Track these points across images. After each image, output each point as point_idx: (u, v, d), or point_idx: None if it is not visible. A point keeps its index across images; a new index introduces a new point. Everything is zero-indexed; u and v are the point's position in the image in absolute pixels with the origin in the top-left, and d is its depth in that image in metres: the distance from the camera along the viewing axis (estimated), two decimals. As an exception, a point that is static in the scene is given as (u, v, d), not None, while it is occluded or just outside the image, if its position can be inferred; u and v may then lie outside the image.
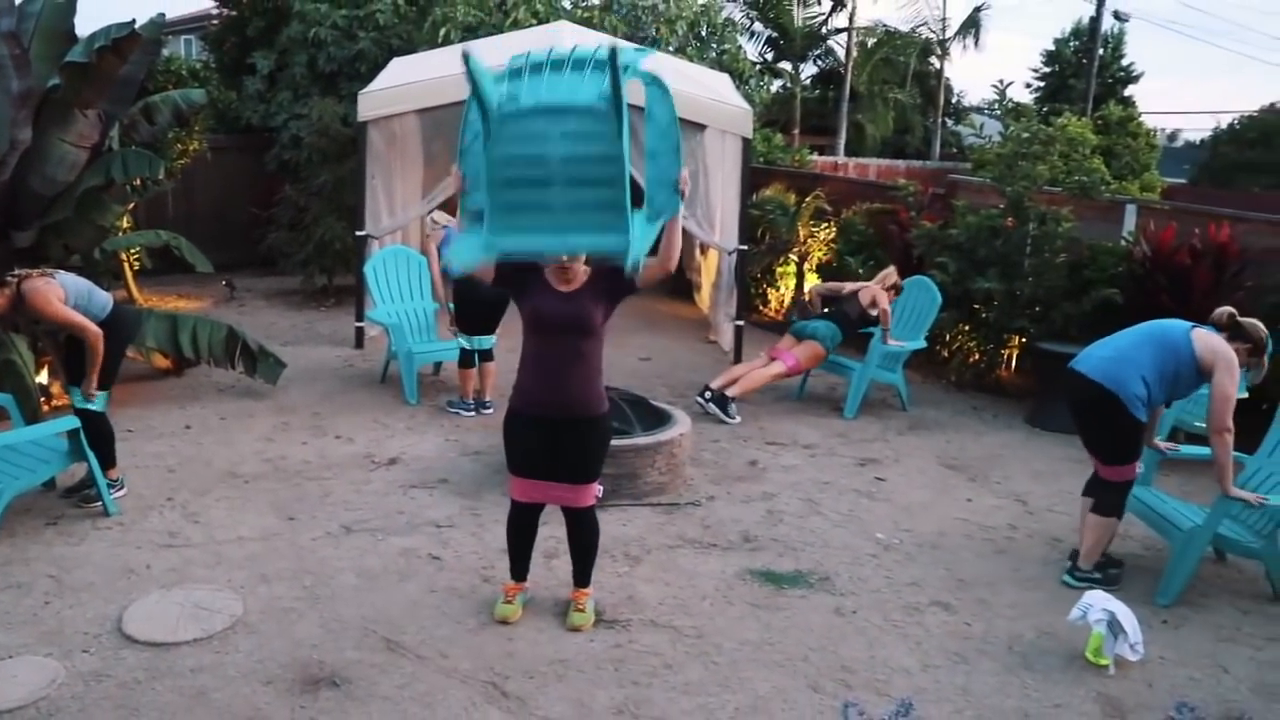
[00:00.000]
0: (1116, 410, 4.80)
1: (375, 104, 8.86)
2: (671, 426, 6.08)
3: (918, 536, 5.56)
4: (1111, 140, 20.69)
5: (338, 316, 10.44)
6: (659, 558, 5.10)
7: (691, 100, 8.89)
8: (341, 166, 10.72)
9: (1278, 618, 4.85)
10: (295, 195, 11.33)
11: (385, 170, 9.07)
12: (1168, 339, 4.85)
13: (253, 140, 12.74)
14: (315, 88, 12.13)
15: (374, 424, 7.09)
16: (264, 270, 12.18)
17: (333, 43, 11.96)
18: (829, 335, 7.89)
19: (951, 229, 9.04)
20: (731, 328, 9.46)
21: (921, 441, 7.37)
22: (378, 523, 5.35)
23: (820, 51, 27.11)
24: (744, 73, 14.07)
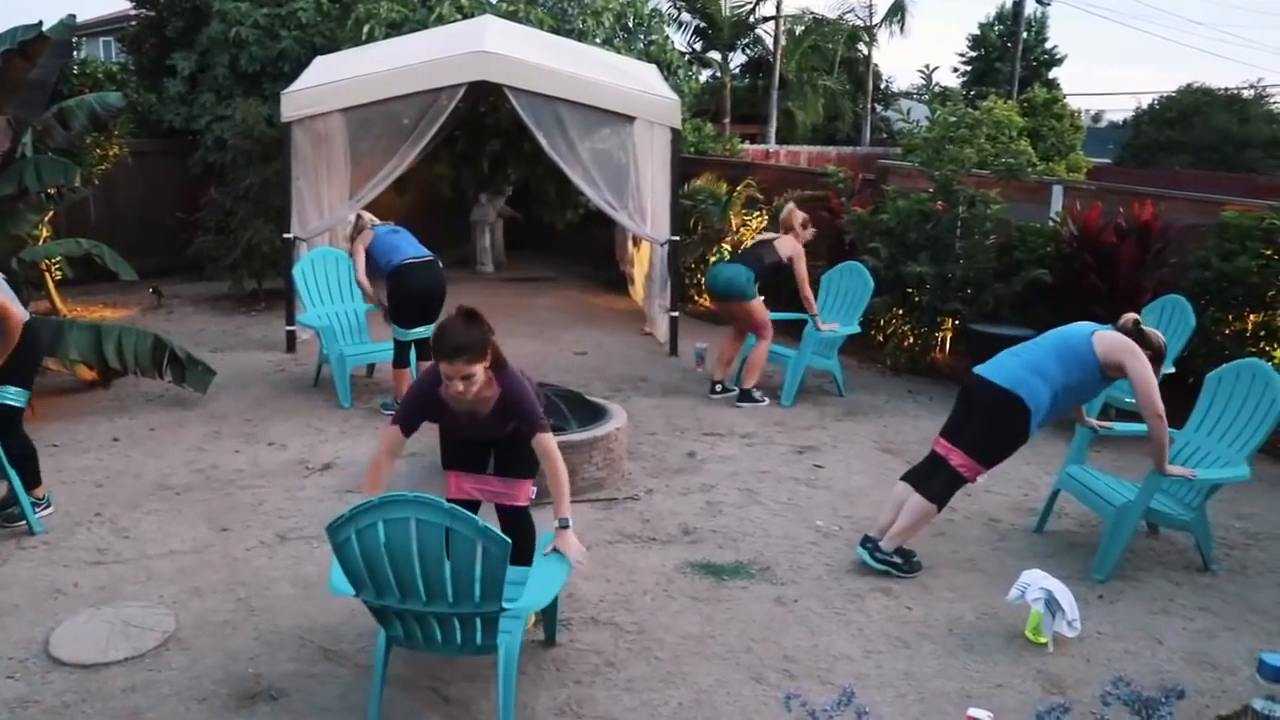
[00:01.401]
0: (1018, 417, 4.78)
1: (299, 104, 8.72)
2: (607, 421, 6.05)
3: (857, 523, 5.58)
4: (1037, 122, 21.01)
5: (268, 321, 10.27)
6: (598, 554, 5.07)
7: (619, 92, 8.87)
8: (268, 168, 10.54)
9: (1207, 588, 4.94)
10: (221, 199, 11.12)
11: (311, 171, 8.93)
12: (1071, 348, 4.86)
13: (176, 144, 12.48)
14: (238, 89, 11.92)
15: (307, 429, 6.98)
16: (192, 276, 11.94)
17: (255, 42, 11.76)
18: (743, 283, 7.65)
19: (882, 214, 9.11)
20: (667, 319, 9.44)
21: (859, 427, 7.41)
22: (313, 530, 5.26)
23: (749, 40, 27.22)
24: (672, 63, 14.06)
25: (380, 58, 9.30)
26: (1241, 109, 29.05)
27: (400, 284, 7.06)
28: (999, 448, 4.92)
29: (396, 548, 3.22)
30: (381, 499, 3.20)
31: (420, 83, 8.63)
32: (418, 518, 3.18)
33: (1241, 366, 5.20)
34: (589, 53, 10.60)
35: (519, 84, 8.58)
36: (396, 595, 3.34)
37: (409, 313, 7.13)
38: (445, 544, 3.20)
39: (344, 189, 9.10)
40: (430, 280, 7.15)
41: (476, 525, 3.18)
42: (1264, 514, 6.00)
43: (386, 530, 3.20)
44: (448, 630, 3.44)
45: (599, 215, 10.67)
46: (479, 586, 3.28)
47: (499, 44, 8.60)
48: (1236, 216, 7.67)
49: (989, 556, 5.22)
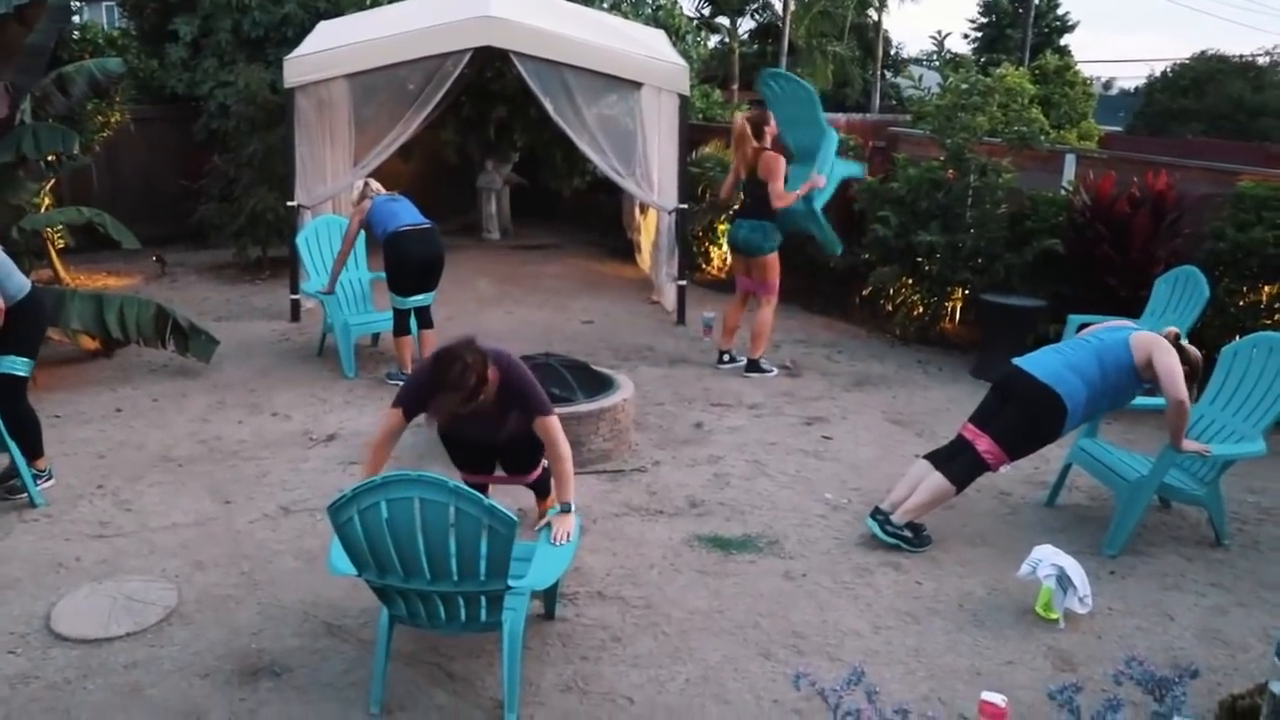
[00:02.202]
0: (1054, 414, 4.74)
1: (302, 70, 8.62)
2: (615, 392, 6.00)
3: (866, 495, 5.52)
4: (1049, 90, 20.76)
5: (273, 289, 10.21)
6: (605, 527, 5.03)
7: (626, 58, 8.76)
8: (271, 135, 10.44)
9: (1219, 564, 4.89)
10: (225, 166, 11.03)
11: (315, 138, 8.84)
12: (1110, 352, 4.80)
13: (178, 110, 12.37)
14: (241, 54, 11.80)
15: (311, 399, 6.94)
16: (195, 244, 11.87)
17: (258, 7, 11.62)
18: (760, 238, 7.55)
19: (893, 182, 9.01)
20: (674, 288, 9.37)
21: (867, 398, 7.35)
22: (317, 502, 5.22)
23: (758, 5, 26.93)
24: (680, 28, 13.89)
25: (385, 23, 9.19)
26: (1256, 76, 28.74)
27: (396, 251, 6.99)
28: (1028, 441, 4.88)
29: (400, 527, 3.17)
30: (384, 478, 3.15)
31: (425, 48, 8.52)
32: (422, 497, 3.13)
33: (1258, 339, 5.12)
34: (595, 17, 10.46)
35: (525, 49, 8.47)
36: (400, 575, 3.29)
37: (406, 280, 7.06)
38: (450, 522, 3.16)
39: (348, 156, 9.01)
40: (427, 248, 7.08)
41: (482, 504, 3.13)
42: (1276, 488, 5.93)
43: (390, 510, 3.15)
44: (451, 608, 3.40)
45: (606, 182, 10.57)
46: (484, 564, 3.23)
47: (505, 9, 8.49)
48: (1253, 186, 7.56)
49: (999, 531, 5.17)
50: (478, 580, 3.27)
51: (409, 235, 6.99)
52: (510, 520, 3.16)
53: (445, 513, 3.14)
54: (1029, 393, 4.79)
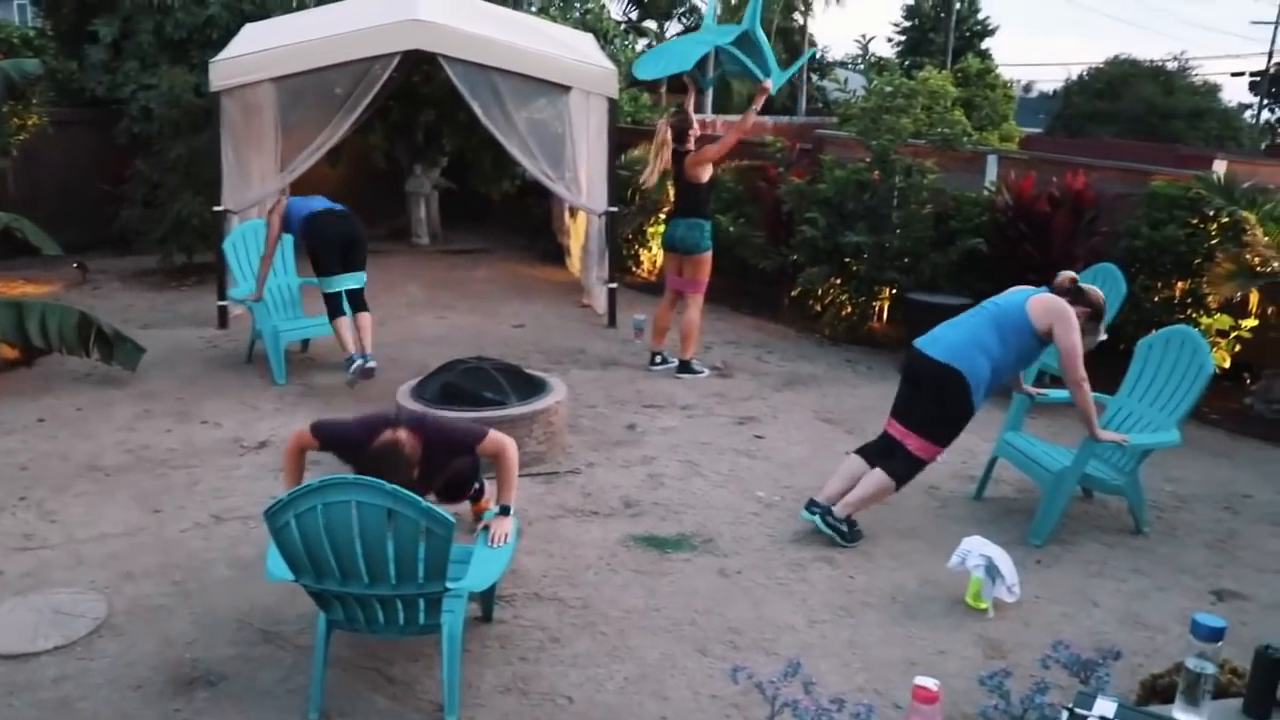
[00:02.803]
0: (959, 392, 4.82)
1: (228, 72, 8.50)
2: (547, 394, 6.00)
3: (798, 492, 5.59)
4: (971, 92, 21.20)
5: (199, 296, 10.04)
6: (540, 529, 5.04)
7: (555, 61, 8.76)
8: (196, 139, 10.27)
9: (1140, 550, 5.05)
10: (148, 170, 10.83)
11: (242, 142, 8.73)
12: (1007, 317, 4.90)
13: (99, 113, 12.09)
14: (164, 56, 11.57)
15: (242, 406, 6.85)
16: (118, 250, 11.62)
17: (181, 8, 11.40)
18: (697, 237, 7.58)
19: (820, 184, 9.13)
20: (605, 290, 9.39)
21: (798, 397, 7.43)
22: (250, 510, 5.15)
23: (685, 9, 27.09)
24: (608, 32, 13.95)
25: (312, 26, 9.09)
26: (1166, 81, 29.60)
27: (313, 231, 7.08)
28: (949, 425, 4.95)
29: (337, 531, 3.15)
30: (321, 481, 3.13)
31: (353, 51, 8.44)
32: (359, 500, 3.12)
33: (1171, 334, 5.29)
34: (524, 21, 10.46)
35: (454, 53, 8.43)
36: (338, 579, 3.27)
37: (329, 258, 7.07)
38: (387, 525, 3.15)
39: (275, 161, 8.90)
40: (343, 226, 7.16)
41: (419, 506, 3.12)
42: (1193, 477, 6.13)
43: (326, 514, 3.14)
44: (390, 612, 3.39)
45: (535, 186, 10.57)
46: (422, 567, 3.23)
47: (433, 12, 8.44)
48: (1165, 186, 7.81)
49: (929, 524, 5.27)
50: (416, 583, 3.27)
51: (324, 215, 7.12)
52: (448, 522, 3.16)
53: (382, 515, 3.13)
54: (931, 375, 4.89)
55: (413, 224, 13.72)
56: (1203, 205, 7.51)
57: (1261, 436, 7.00)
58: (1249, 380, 7.62)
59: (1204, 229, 7.57)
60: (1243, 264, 7.14)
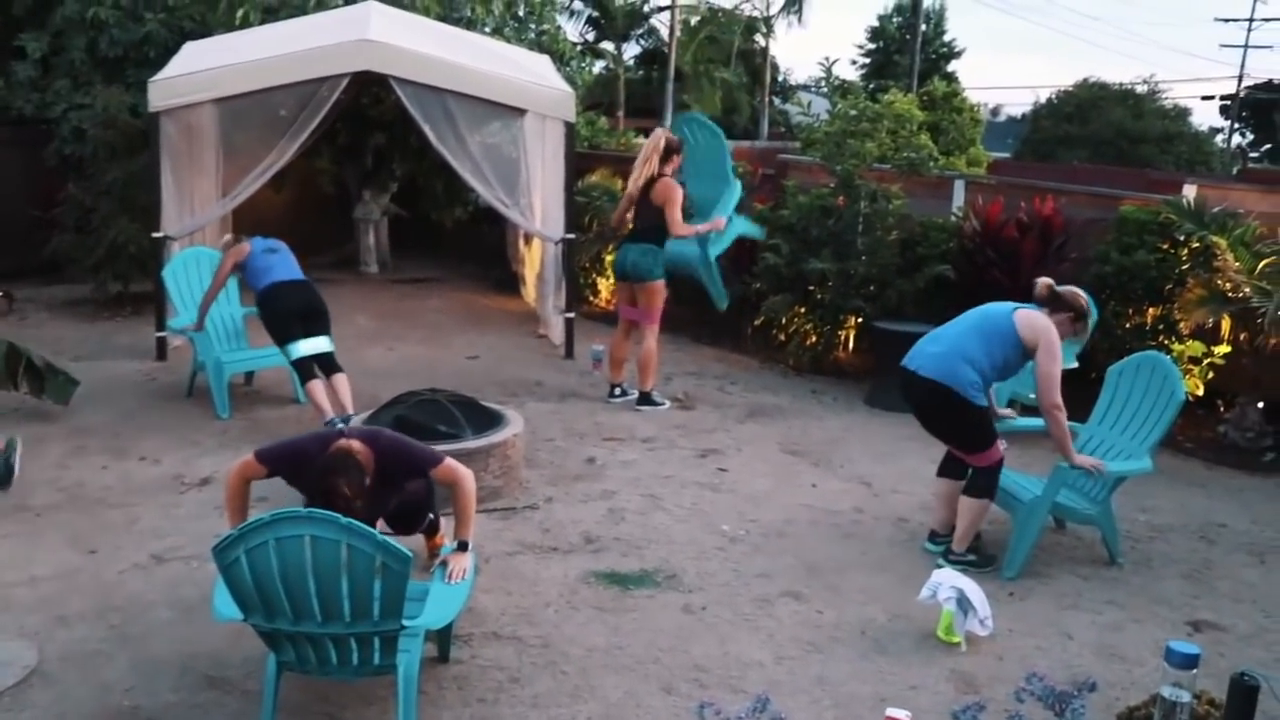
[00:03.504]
0: (957, 403, 4.99)
1: (168, 92, 8.50)
2: (504, 427, 6.03)
3: (764, 526, 5.66)
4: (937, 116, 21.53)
5: (136, 327, 9.97)
6: (498, 566, 5.06)
7: (510, 83, 8.84)
8: (133, 162, 10.24)
9: (1114, 582, 5.15)
10: (81, 194, 10.74)
11: (182, 165, 8.72)
12: (992, 325, 5.05)
13: (27, 133, 12.00)
14: (98, 74, 11.54)
15: (183, 442, 6.81)
16: (48, 278, 11.51)
17: (115, 24, 11.39)
18: (650, 264, 7.64)
19: (783, 210, 9.25)
20: (561, 321, 9.44)
21: (762, 429, 7.51)
22: (192, 549, 5.13)
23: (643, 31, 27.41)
24: (565, 54, 14.06)
25: (256, 45, 9.12)
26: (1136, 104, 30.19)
27: (270, 304, 7.01)
28: (970, 432, 5.11)
29: (290, 567, 3.17)
30: (273, 515, 3.15)
31: (299, 72, 8.48)
32: (313, 534, 3.14)
33: (1141, 359, 5.43)
34: (478, 42, 10.55)
35: (405, 74, 8.49)
36: (289, 618, 3.29)
37: (288, 325, 7.00)
38: (342, 561, 3.17)
39: (217, 185, 8.90)
40: (303, 297, 7.10)
41: (375, 540, 3.15)
42: (1167, 507, 6.27)
43: (279, 549, 3.15)
44: (344, 651, 3.40)
45: (489, 213, 10.62)
46: (378, 605, 3.25)
47: (383, 32, 8.51)
48: (1134, 211, 7.99)
49: (899, 557, 5.34)
50: (371, 621, 3.28)
51: (281, 287, 7.04)
52: (405, 557, 3.18)
53: (337, 551, 3.15)
54: (923, 396, 5.08)
55: (361, 252, 13.71)
56: (1173, 230, 7.69)
57: (1236, 465, 7.17)
58: (1223, 408, 7.80)
59: (1174, 254, 7.75)
60: (1214, 289, 7.36)
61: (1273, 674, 3.85)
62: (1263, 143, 46.57)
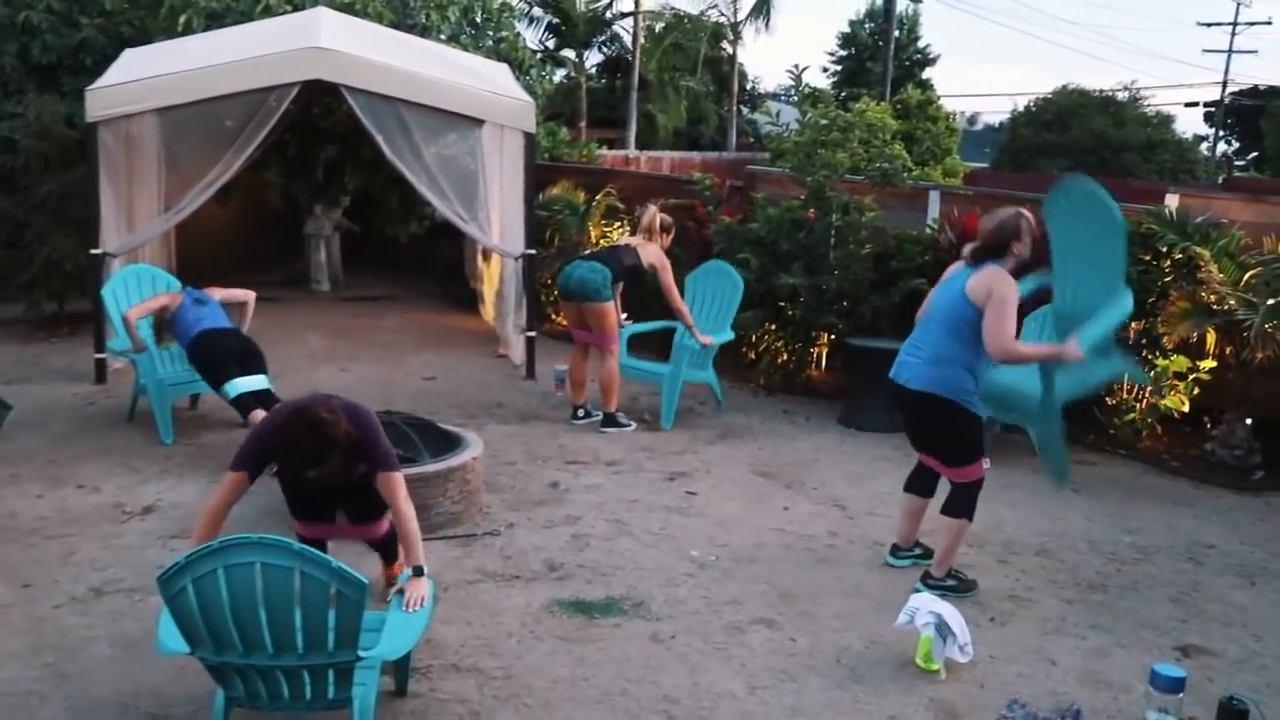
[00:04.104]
0: (952, 412, 5.02)
1: (107, 102, 8.46)
2: (463, 450, 6.04)
3: (734, 551, 5.69)
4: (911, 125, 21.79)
5: (73, 348, 9.89)
6: (457, 595, 5.06)
7: (467, 93, 8.87)
8: (68, 174, 10.17)
9: (1100, 606, 5.20)
10: (12, 208, 10.68)
11: (122, 178, 8.68)
12: (952, 314, 5.01)
13: (-46, 146, 11.93)
14: (30, 82, 11.47)
15: (123, 469, 6.77)
16: (-23, 298, 11.43)
17: (49, 29, 11.32)
18: (598, 283, 7.70)
19: (752, 223, 9.31)
20: (522, 340, 9.46)
21: (732, 450, 7.55)
22: (134, 581, 5.10)
23: (605, 38, 27.54)
24: (524, 62, 14.12)
25: (200, 52, 9.10)
26: (1117, 111, 30.61)
27: (203, 348, 7.05)
28: (960, 444, 5.13)
29: (240, 596, 3.17)
30: (222, 542, 3.15)
31: (246, 81, 8.48)
32: (264, 561, 3.14)
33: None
34: (433, 50, 10.57)
35: (357, 83, 8.50)
36: (239, 650, 3.28)
37: (225, 366, 7.00)
38: (295, 589, 3.17)
39: (159, 199, 8.86)
40: (237, 341, 7.18)
41: (329, 566, 3.15)
42: (1153, 528, 6.34)
43: (228, 577, 3.15)
44: (296, 685, 3.40)
45: (446, 227, 10.63)
46: (333, 635, 3.25)
47: (334, 39, 8.52)
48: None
49: (875, 581, 5.38)
50: (326, 652, 3.28)
51: (216, 333, 7.12)
52: (360, 584, 3.19)
53: (290, 578, 3.15)
54: (915, 408, 5.13)
55: (312, 269, 13.68)
56: (1156, 241, 7.77)
57: (1224, 484, 7.24)
58: (1209, 425, 7.88)
59: (1157, 266, 7.84)
60: (1198, 302, 7.41)
61: (1263, 699, 3.93)
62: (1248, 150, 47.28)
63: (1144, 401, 7.77)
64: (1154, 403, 7.64)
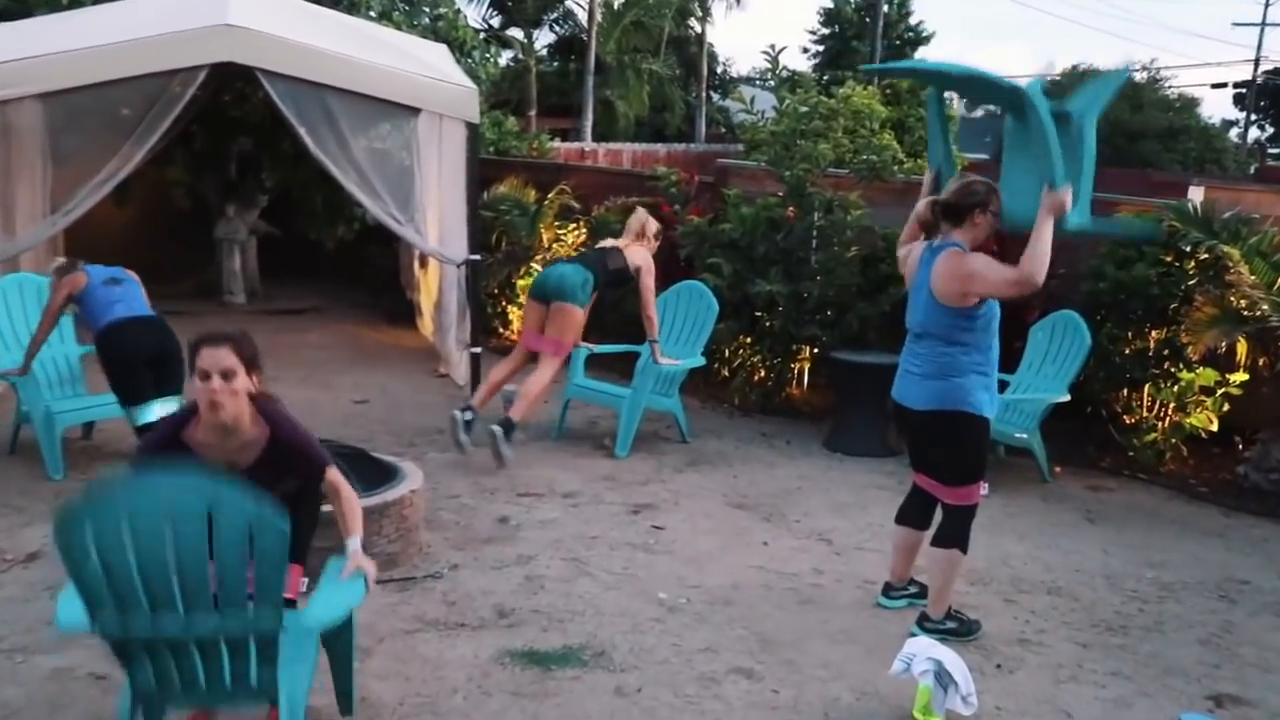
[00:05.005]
0: (960, 424, 5.07)
1: (-22, 86, 8.40)
2: (400, 483, 6.02)
3: (708, 593, 5.70)
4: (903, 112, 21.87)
5: (-54, 372, 9.80)
6: (394, 647, 5.04)
7: (401, 78, 8.87)
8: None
9: (1119, 650, 5.24)
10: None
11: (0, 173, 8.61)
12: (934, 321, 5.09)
13: None
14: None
15: (4, 509, 6.70)
16: None
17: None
18: (578, 283, 7.78)
19: (724, 224, 9.34)
20: (466, 357, 9.44)
21: (704, 479, 7.58)
22: (17, 639, 5.04)
23: (558, 15, 27.61)
24: (465, 42, 14.16)
25: (91, 29, 9.02)
26: (1134, 95, 30.90)
27: (113, 348, 6.92)
28: (966, 460, 5.19)
29: (145, 537, 3.16)
30: (124, 479, 3.15)
31: (146, 63, 8.41)
32: (172, 496, 3.14)
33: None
34: (362, 29, 10.58)
35: (275, 67, 8.46)
36: (146, 608, 3.25)
37: (137, 381, 6.92)
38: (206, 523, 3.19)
39: (44, 198, 8.78)
40: (153, 338, 7.03)
41: (246, 504, 3.16)
42: (1180, 561, 6.41)
43: (132, 520, 3.14)
44: (212, 663, 3.38)
45: (378, 231, 10.61)
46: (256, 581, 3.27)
47: (249, 17, 8.48)
48: (1132, 218, 8.14)
49: (866, 625, 5.40)
50: (244, 614, 3.27)
51: (129, 326, 6.96)
52: (280, 530, 3.22)
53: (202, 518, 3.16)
54: (924, 427, 5.18)
55: (225, 278, 13.62)
56: (1178, 240, 7.82)
57: (1258, 511, 7.31)
58: (1241, 445, 7.95)
59: (1180, 267, 7.91)
60: (1227, 308, 7.41)
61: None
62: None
63: (1167, 420, 7.85)
64: (1178, 421, 7.72)
